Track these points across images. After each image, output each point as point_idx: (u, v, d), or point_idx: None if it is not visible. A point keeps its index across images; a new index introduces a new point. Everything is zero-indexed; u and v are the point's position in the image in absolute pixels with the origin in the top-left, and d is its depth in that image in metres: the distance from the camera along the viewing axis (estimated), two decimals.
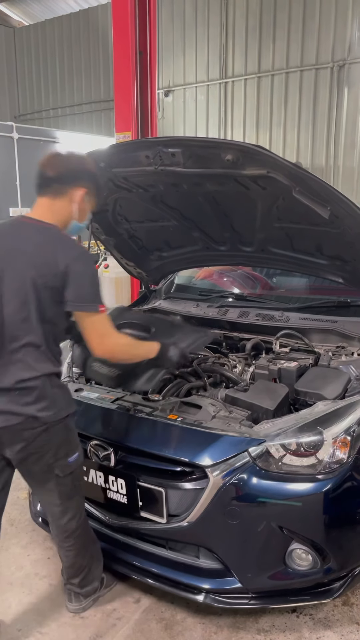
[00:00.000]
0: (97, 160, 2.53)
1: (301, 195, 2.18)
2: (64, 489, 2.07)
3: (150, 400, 2.50)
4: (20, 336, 1.90)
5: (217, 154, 2.20)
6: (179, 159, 2.29)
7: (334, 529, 2.10)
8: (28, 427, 1.92)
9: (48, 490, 2.07)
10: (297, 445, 2.08)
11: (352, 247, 2.50)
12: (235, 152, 2.16)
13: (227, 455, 2.07)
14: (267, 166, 2.17)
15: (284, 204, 2.44)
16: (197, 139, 2.34)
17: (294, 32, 10.11)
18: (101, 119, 13.70)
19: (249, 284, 3.73)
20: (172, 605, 2.37)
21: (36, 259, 1.88)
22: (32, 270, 1.87)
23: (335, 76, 9.76)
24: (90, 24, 13.53)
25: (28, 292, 1.87)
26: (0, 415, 1.91)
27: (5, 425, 1.91)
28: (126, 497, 2.28)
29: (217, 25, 11.09)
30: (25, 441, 1.93)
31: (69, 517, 2.12)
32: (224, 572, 2.15)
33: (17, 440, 1.93)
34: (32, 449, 1.95)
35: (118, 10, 5.66)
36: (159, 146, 2.30)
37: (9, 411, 1.90)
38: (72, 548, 2.19)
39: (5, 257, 1.91)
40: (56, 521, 2.15)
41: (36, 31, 14.85)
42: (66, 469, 2.04)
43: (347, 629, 2.23)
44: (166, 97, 12.12)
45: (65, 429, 2.02)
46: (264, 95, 10.71)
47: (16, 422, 1.90)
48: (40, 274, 1.87)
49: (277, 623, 2.27)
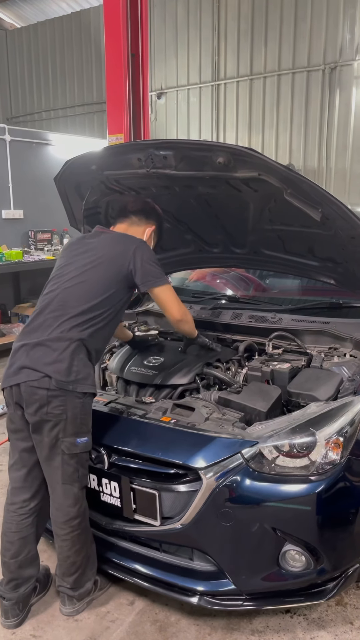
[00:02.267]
0: (89, 162, 2.53)
1: (292, 197, 2.19)
2: (68, 469, 2.14)
3: (143, 402, 2.51)
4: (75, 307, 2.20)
5: (208, 156, 2.21)
6: (171, 161, 2.30)
7: (327, 530, 2.11)
8: (43, 387, 2.07)
9: (54, 468, 2.15)
10: (290, 447, 2.09)
11: (344, 249, 2.52)
12: (226, 154, 2.17)
13: (220, 457, 2.08)
14: (259, 169, 2.18)
15: (275, 207, 2.45)
16: (188, 142, 2.35)
17: (285, 34, 10.14)
18: (94, 121, 13.69)
19: (242, 286, 3.74)
20: (166, 607, 2.37)
21: (109, 253, 2.32)
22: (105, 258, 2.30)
23: (327, 78, 9.79)
24: (83, 26, 13.52)
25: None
26: (22, 370, 2.12)
27: (25, 380, 2.10)
28: (120, 499, 2.28)
29: (209, 27, 11.11)
30: (39, 402, 2.07)
31: (70, 502, 2.17)
32: (217, 574, 2.15)
33: (32, 400, 2.09)
34: (45, 415, 2.08)
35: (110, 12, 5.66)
36: (150, 149, 2.30)
37: (29, 367, 2.10)
38: (68, 537, 2.20)
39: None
40: (57, 502, 2.19)
41: (28, 33, 14.81)
42: (72, 449, 2.12)
43: (341, 629, 2.24)
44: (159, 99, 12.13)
45: (81, 407, 2.14)
46: (256, 97, 10.74)
47: (34, 378, 2.08)
48: (113, 262, 2.29)
49: (271, 624, 2.27)
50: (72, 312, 2.19)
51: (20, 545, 2.25)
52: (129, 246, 2.31)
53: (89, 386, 2.17)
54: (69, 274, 2.29)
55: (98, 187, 2.67)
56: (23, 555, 2.25)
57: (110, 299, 2.26)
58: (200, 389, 2.65)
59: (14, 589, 2.26)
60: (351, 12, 9.39)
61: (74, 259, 2.34)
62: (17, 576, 2.26)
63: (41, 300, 2.31)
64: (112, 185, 2.64)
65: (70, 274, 2.28)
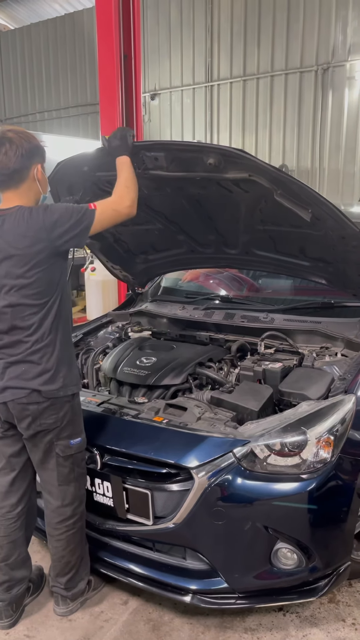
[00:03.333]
0: (81, 164, 2.54)
1: (282, 198, 2.21)
2: (63, 470, 2.15)
3: (136, 402, 2.52)
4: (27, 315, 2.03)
5: (199, 157, 2.22)
6: (162, 162, 2.31)
7: (318, 528, 2.12)
8: (33, 401, 2.04)
9: (49, 470, 2.15)
10: (281, 446, 2.10)
11: (334, 249, 2.54)
12: (217, 155, 2.18)
13: (212, 456, 2.09)
14: (249, 170, 2.19)
15: (266, 207, 2.47)
16: (179, 143, 2.36)
17: (278, 35, 10.19)
18: (87, 122, 13.70)
19: (235, 286, 3.75)
20: (159, 606, 2.38)
21: (16, 243, 1.98)
22: (13, 253, 1.98)
23: (320, 79, 9.85)
24: (76, 27, 13.53)
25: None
26: (7, 390, 2.06)
27: (12, 399, 2.05)
28: (112, 499, 2.28)
29: (202, 28, 11.14)
30: (31, 416, 2.05)
31: (66, 502, 2.18)
32: (210, 572, 2.16)
33: (23, 416, 2.06)
34: (39, 426, 2.07)
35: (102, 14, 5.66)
36: (142, 150, 2.32)
37: (14, 386, 2.05)
38: (63, 537, 2.20)
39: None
40: (52, 503, 2.18)
41: (22, 35, 14.82)
42: (67, 450, 2.13)
43: (333, 626, 2.26)
44: (152, 100, 12.15)
45: (71, 410, 2.13)
46: (249, 98, 10.78)
47: (22, 396, 2.04)
48: (24, 252, 1.97)
49: (264, 622, 2.29)
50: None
51: (9, 549, 2.25)
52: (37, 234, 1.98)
53: (75, 387, 2.14)
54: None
55: (90, 188, 2.68)
56: (13, 558, 2.26)
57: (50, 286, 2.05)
58: (192, 388, 2.66)
59: (6, 590, 2.27)
60: (343, 13, 9.44)
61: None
62: (9, 578, 2.26)
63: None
64: (104, 187, 2.65)
65: None
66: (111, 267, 3.43)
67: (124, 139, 2.26)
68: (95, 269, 5.98)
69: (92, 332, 3.42)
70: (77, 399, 2.17)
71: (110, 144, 2.28)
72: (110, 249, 3.28)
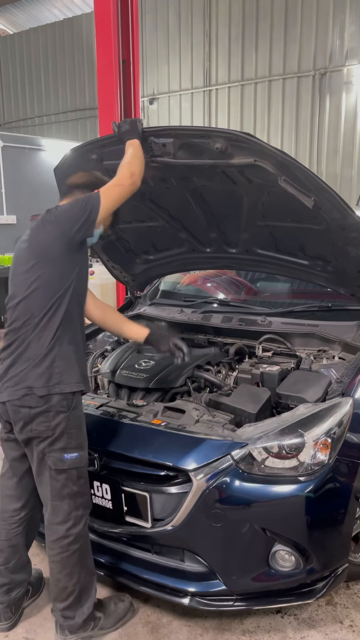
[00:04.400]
0: (89, 152, 2.54)
1: (286, 184, 2.21)
2: (56, 485, 2.07)
3: (134, 405, 2.53)
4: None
5: (206, 142, 2.23)
6: (170, 149, 2.33)
7: (316, 530, 2.13)
8: (25, 405, 2.02)
9: (43, 482, 2.10)
10: (279, 448, 2.12)
11: (334, 246, 2.54)
12: (224, 140, 2.19)
13: (210, 458, 2.10)
14: (255, 154, 2.19)
15: (269, 200, 2.48)
16: (187, 127, 2.39)
17: (276, 40, 10.24)
18: (86, 127, 13.74)
19: (233, 289, 3.77)
20: (157, 608, 2.39)
21: (34, 238, 2.12)
22: (34, 248, 2.10)
23: (317, 84, 9.90)
24: (75, 32, 13.58)
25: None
26: (6, 389, 2.06)
27: (7, 399, 2.05)
28: (111, 502, 2.30)
29: (200, 34, 11.19)
30: (23, 420, 2.03)
31: (60, 519, 2.08)
32: (208, 574, 2.17)
33: (17, 418, 2.05)
34: (31, 432, 2.04)
35: (100, 19, 5.69)
36: (150, 136, 2.33)
37: (10, 385, 2.05)
38: (57, 559, 2.09)
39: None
40: (47, 519, 2.13)
41: (21, 39, 14.87)
42: (59, 464, 2.05)
43: (331, 628, 2.27)
44: (151, 104, 12.19)
45: (67, 421, 2.04)
46: (247, 102, 10.83)
47: (16, 397, 2.03)
48: (38, 247, 2.09)
49: (262, 624, 2.29)
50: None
51: (10, 553, 2.24)
52: (47, 226, 2.11)
53: (74, 385, 2.06)
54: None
55: (98, 179, 2.67)
56: (14, 561, 2.25)
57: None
58: (191, 391, 2.67)
59: (6, 593, 2.27)
60: (340, 18, 9.50)
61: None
62: (9, 581, 2.27)
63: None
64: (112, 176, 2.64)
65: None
66: (112, 267, 3.44)
67: (134, 124, 2.31)
68: (94, 273, 5.99)
69: (91, 336, 3.44)
70: (75, 411, 2.07)
71: (120, 129, 2.31)
72: (112, 248, 3.28)
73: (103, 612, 2.25)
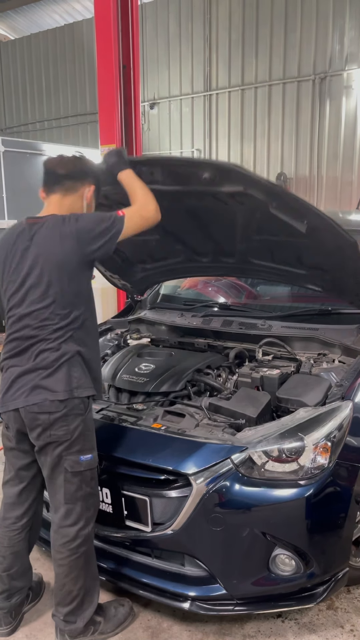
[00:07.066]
0: None
1: (278, 210, 2.23)
2: (71, 488, 2.07)
3: (134, 409, 2.53)
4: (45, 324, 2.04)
5: (194, 172, 2.25)
6: (158, 176, 2.34)
7: (316, 534, 2.13)
8: (44, 411, 2.00)
9: (57, 486, 2.09)
10: (279, 452, 2.12)
11: (331, 258, 2.56)
12: (212, 170, 2.20)
13: (210, 462, 2.10)
14: (244, 183, 2.21)
15: (262, 218, 2.49)
16: (174, 159, 2.40)
17: (276, 45, 10.28)
18: (87, 132, 13.78)
19: (233, 293, 3.78)
20: (158, 613, 2.38)
21: (47, 249, 2.03)
22: (47, 258, 2.03)
23: (317, 88, 9.93)
24: (76, 37, 13.64)
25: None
26: (21, 394, 2.04)
27: (24, 405, 2.02)
28: (111, 506, 2.30)
29: (200, 38, 11.24)
30: (42, 426, 2.02)
31: (71, 521, 2.09)
32: (209, 579, 2.17)
33: (34, 425, 2.03)
34: (49, 437, 2.03)
35: (101, 24, 5.72)
36: (137, 165, 2.34)
37: (27, 392, 2.02)
38: (65, 562, 2.09)
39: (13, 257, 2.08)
40: (57, 523, 2.12)
41: (22, 45, 14.94)
42: (76, 466, 2.06)
43: (332, 632, 2.26)
44: (151, 109, 12.23)
45: (84, 424, 2.07)
46: (247, 107, 10.86)
47: (33, 403, 2.01)
48: (54, 259, 2.02)
49: (262, 628, 2.29)
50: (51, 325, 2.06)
51: (12, 559, 2.24)
52: (66, 242, 2.03)
53: (90, 389, 2.10)
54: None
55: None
56: (15, 568, 2.25)
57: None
58: (191, 395, 2.67)
59: (6, 598, 2.27)
60: (340, 22, 9.53)
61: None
62: (10, 587, 2.26)
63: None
64: (101, 201, 2.67)
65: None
66: (110, 276, 3.45)
67: (120, 155, 2.29)
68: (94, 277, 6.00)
69: None
70: (89, 413, 2.12)
71: (107, 162, 2.30)
72: (108, 260, 3.29)
73: (103, 617, 2.24)
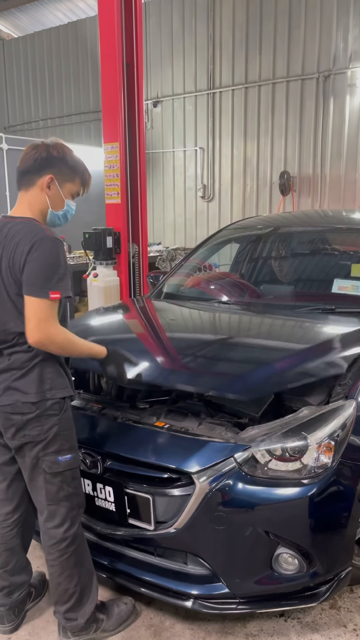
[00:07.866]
0: None
1: None
2: (52, 488, 2.06)
3: (137, 408, 2.53)
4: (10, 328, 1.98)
5: None
6: None
7: (319, 533, 2.13)
8: (17, 411, 1.98)
9: (38, 487, 2.08)
10: (282, 451, 2.11)
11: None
12: None
13: (213, 461, 2.10)
14: None
15: None
16: None
17: (279, 43, 10.23)
18: (90, 130, 13.76)
19: (236, 292, 3.77)
20: (160, 611, 2.38)
21: (8, 254, 1.93)
22: (6, 265, 1.94)
23: (321, 86, 9.88)
24: (79, 36, 13.61)
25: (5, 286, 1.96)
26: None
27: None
28: (114, 504, 2.29)
29: (204, 36, 11.20)
30: (15, 426, 2.00)
31: (56, 523, 2.08)
32: (211, 577, 2.17)
33: (8, 425, 2.01)
34: (23, 438, 2.00)
35: (105, 22, 5.72)
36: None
37: (2, 393, 2.00)
38: (57, 563, 2.10)
39: None
40: (43, 524, 2.11)
41: (25, 43, 14.91)
42: (54, 467, 2.04)
43: (335, 632, 2.26)
44: (155, 107, 12.20)
45: (59, 424, 2.03)
46: (251, 105, 10.82)
47: (6, 403, 1.99)
48: (11, 267, 1.93)
49: (265, 627, 2.28)
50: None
51: (7, 556, 2.24)
52: (24, 247, 1.90)
53: (65, 390, 2.05)
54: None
55: None
56: (12, 564, 2.25)
57: None
58: None
59: (7, 595, 2.27)
60: (344, 20, 9.49)
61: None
62: (9, 584, 2.26)
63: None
64: None
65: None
66: None
67: (120, 368, 2.27)
68: (97, 275, 6.00)
69: None
70: (66, 413, 2.07)
71: (106, 371, 2.27)
72: None
73: (106, 615, 2.24)
